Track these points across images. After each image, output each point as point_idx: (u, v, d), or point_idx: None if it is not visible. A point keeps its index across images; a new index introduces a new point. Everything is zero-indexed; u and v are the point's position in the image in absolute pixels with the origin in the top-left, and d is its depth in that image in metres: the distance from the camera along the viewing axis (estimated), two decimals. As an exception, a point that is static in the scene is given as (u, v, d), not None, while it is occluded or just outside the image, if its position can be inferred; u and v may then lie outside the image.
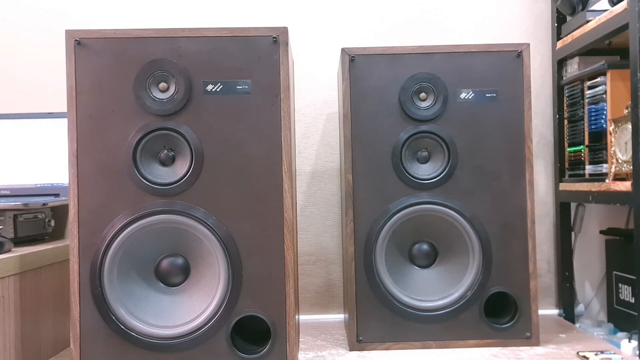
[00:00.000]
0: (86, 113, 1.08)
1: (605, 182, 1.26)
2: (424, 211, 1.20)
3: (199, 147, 1.08)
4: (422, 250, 1.23)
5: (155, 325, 1.07)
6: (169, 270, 1.09)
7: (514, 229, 1.20)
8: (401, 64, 1.20)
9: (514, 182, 1.20)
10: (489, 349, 1.18)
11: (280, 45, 1.09)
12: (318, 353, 1.20)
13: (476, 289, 1.19)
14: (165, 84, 1.08)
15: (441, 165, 1.21)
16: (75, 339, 1.07)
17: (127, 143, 1.08)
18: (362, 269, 1.20)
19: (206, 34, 1.09)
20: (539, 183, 1.58)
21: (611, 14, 1.22)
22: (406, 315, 1.19)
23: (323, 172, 1.59)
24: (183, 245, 1.09)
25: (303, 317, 1.54)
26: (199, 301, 1.08)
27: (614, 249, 1.53)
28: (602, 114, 1.31)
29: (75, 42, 1.08)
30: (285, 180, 1.09)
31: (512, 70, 1.20)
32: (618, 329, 1.46)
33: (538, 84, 1.57)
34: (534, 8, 1.59)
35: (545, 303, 1.56)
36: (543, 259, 1.58)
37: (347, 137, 1.21)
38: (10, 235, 1.22)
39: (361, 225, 1.20)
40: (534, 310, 1.20)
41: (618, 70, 1.28)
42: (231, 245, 1.08)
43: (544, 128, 1.59)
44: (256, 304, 1.08)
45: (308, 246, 1.57)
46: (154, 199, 1.08)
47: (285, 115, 1.09)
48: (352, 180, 1.20)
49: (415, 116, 1.19)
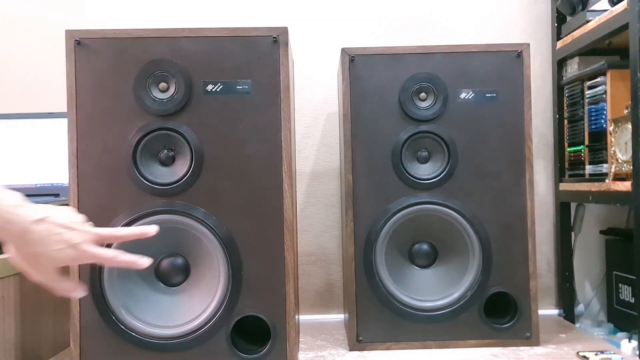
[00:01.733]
0: (86, 113, 1.08)
1: (605, 182, 1.26)
2: (424, 211, 1.20)
3: (199, 147, 1.08)
4: (422, 250, 1.23)
5: (155, 325, 1.07)
6: (169, 270, 1.09)
7: (514, 229, 1.20)
8: (401, 64, 1.20)
9: (514, 182, 1.20)
10: (489, 349, 1.18)
11: (280, 45, 1.09)
12: (318, 353, 1.20)
13: (476, 289, 1.19)
14: (165, 84, 1.08)
15: (441, 165, 1.21)
16: (75, 339, 1.07)
17: (127, 143, 1.07)
18: (362, 269, 1.20)
19: (206, 34, 1.09)
20: (539, 183, 1.58)
21: (611, 14, 1.22)
22: (406, 315, 1.19)
23: (323, 172, 1.59)
24: (183, 245, 1.09)
25: (303, 317, 1.54)
26: (199, 301, 1.08)
27: (614, 249, 1.53)
28: (602, 114, 1.31)
29: (75, 42, 1.08)
30: (285, 180, 1.09)
31: (512, 70, 1.20)
32: (618, 329, 1.46)
33: (538, 84, 1.57)
34: (534, 8, 1.59)
35: (545, 303, 1.56)
36: (543, 259, 1.58)
37: (347, 137, 1.21)
38: (10, 235, 1.22)
39: (361, 225, 1.20)
40: (534, 310, 1.19)
41: (618, 70, 1.28)
42: (231, 245, 1.08)
43: (544, 128, 1.59)
44: (256, 304, 1.08)
45: (308, 246, 1.57)
46: (154, 199, 1.08)
47: (285, 115, 1.09)
48: (352, 180, 1.20)
49: (415, 116, 1.19)
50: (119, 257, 0.82)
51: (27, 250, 0.75)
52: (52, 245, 0.75)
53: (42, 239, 0.74)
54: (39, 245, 0.74)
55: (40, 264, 0.77)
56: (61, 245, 0.76)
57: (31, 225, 0.74)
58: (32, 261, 0.76)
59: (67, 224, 0.77)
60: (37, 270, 0.77)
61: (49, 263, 0.76)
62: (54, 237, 0.75)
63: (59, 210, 0.78)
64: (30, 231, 0.74)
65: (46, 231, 0.75)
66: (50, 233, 0.75)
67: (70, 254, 0.77)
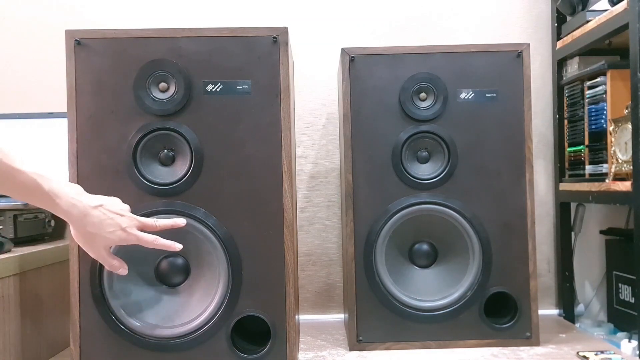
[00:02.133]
0: (86, 113, 1.08)
1: (605, 182, 1.26)
2: (424, 211, 1.20)
3: (199, 147, 1.08)
4: (422, 250, 1.23)
5: (155, 325, 1.07)
6: (169, 270, 1.09)
7: (514, 229, 1.20)
8: (401, 64, 1.20)
9: (514, 182, 1.20)
10: (489, 349, 1.18)
11: (280, 45, 1.09)
12: (318, 353, 1.20)
13: (476, 289, 1.19)
14: (165, 84, 1.08)
15: (441, 165, 1.21)
16: (75, 339, 1.07)
17: (127, 143, 1.07)
18: (362, 269, 1.20)
19: (206, 34, 1.09)
20: (539, 183, 1.58)
21: (611, 14, 1.22)
22: (406, 315, 1.19)
23: (323, 172, 1.59)
24: (183, 245, 1.09)
25: (303, 317, 1.54)
26: (199, 301, 1.08)
27: (614, 249, 1.53)
28: (602, 114, 1.31)
29: (75, 42, 1.08)
30: (285, 180, 1.09)
31: (512, 70, 1.20)
32: (618, 329, 1.46)
33: (538, 84, 1.57)
34: (534, 8, 1.59)
35: (545, 303, 1.56)
36: (543, 259, 1.58)
37: (347, 137, 1.21)
38: (10, 235, 1.22)
39: (361, 226, 1.20)
40: (534, 310, 1.20)
41: (618, 70, 1.28)
42: (231, 245, 1.08)
43: (544, 128, 1.59)
44: (256, 304, 1.08)
45: (308, 246, 1.57)
46: (154, 199, 1.08)
47: (285, 115, 1.09)
48: (352, 180, 1.20)
49: (415, 116, 1.19)
50: (158, 241, 0.97)
51: (86, 230, 0.90)
52: (107, 227, 0.91)
53: (99, 222, 0.90)
54: (96, 226, 0.90)
55: (96, 242, 0.92)
56: (114, 227, 0.92)
57: (91, 210, 0.90)
58: (89, 239, 0.92)
59: (118, 211, 0.93)
60: (92, 247, 0.93)
61: (102, 242, 0.92)
62: (108, 221, 0.91)
63: (111, 199, 0.94)
64: (90, 215, 0.89)
65: (103, 215, 0.91)
66: (106, 217, 0.91)
67: (120, 235, 0.92)
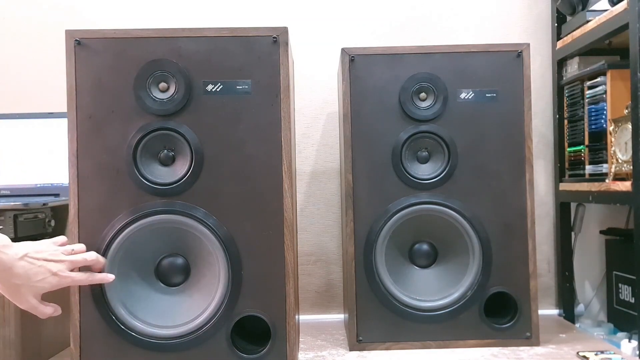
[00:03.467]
0: (86, 113, 1.08)
1: (605, 182, 1.26)
2: (423, 211, 1.20)
3: (199, 147, 1.08)
4: (422, 250, 1.23)
5: (155, 325, 1.07)
6: (169, 270, 1.09)
7: (514, 229, 1.20)
8: (401, 64, 1.20)
9: (514, 182, 1.20)
10: (489, 349, 1.18)
11: (280, 45, 1.09)
12: (318, 353, 1.20)
13: (476, 289, 1.19)
14: (165, 84, 1.08)
15: (441, 165, 1.21)
16: (75, 339, 1.07)
17: (127, 143, 1.07)
18: (362, 269, 1.20)
19: (206, 34, 1.09)
20: (539, 183, 1.58)
21: (611, 14, 1.22)
22: (406, 315, 1.19)
23: (323, 172, 1.59)
24: (183, 245, 1.09)
25: (303, 317, 1.54)
26: (199, 301, 1.08)
27: (614, 249, 1.53)
28: (602, 114, 1.31)
29: (75, 42, 1.08)
30: (285, 180, 1.09)
31: (512, 70, 1.20)
32: (618, 329, 1.46)
33: (538, 84, 1.57)
34: (534, 8, 1.60)
35: (545, 303, 1.56)
36: (543, 259, 1.58)
37: (347, 137, 1.21)
38: (10, 235, 1.21)
39: (361, 225, 1.20)
40: (534, 310, 1.19)
41: (618, 70, 1.28)
42: (231, 245, 1.08)
43: (544, 128, 1.59)
44: (256, 304, 1.08)
45: (308, 246, 1.57)
46: (154, 199, 1.08)
47: (285, 115, 1.09)
48: (352, 180, 1.20)
49: (415, 116, 1.19)
50: (92, 277, 0.99)
51: (11, 283, 0.88)
52: (34, 277, 0.89)
53: (24, 272, 0.88)
54: (21, 278, 0.88)
55: (21, 293, 0.89)
56: (43, 275, 0.90)
57: (16, 262, 0.87)
58: (14, 291, 0.89)
59: (45, 257, 0.91)
60: (19, 298, 0.90)
61: (31, 291, 0.90)
62: (35, 270, 0.89)
63: (39, 244, 0.93)
64: (14, 266, 0.87)
65: (28, 264, 0.89)
66: (32, 266, 0.89)
67: (52, 281, 0.91)
